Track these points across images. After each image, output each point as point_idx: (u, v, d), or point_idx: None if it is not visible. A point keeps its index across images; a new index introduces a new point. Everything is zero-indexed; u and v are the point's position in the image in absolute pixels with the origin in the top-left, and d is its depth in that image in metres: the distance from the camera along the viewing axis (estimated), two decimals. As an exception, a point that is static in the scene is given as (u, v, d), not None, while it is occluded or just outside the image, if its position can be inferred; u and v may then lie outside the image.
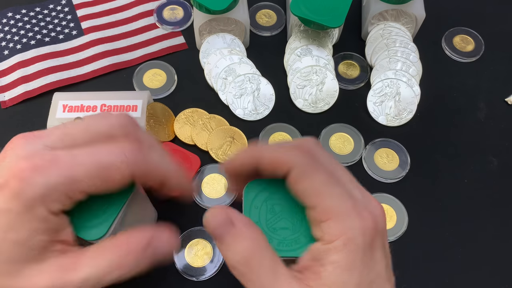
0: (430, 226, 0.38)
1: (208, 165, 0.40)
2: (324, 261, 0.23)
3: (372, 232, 0.24)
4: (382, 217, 0.26)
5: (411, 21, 0.45)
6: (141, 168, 0.27)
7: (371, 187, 0.40)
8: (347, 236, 0.23)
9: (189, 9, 0.49)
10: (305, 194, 0.25)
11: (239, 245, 0.24)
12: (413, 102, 0.42)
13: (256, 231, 0.25)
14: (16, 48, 0.46)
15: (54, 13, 0.49)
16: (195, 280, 0.35)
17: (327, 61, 0.44)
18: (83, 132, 0.27)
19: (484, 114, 0.44)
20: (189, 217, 0.38)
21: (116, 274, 0.25)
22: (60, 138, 0.26)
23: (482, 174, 0.41)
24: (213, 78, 0.43)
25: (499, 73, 0.46)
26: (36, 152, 0.25)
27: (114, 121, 0.28)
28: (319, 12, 0.41)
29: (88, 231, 0.27)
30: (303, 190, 0.25)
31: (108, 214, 0.28)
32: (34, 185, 0.24)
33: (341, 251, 0.23)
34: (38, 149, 0.25)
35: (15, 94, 0.43)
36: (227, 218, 0.25)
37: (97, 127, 0.27)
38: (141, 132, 0.29)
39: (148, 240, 0.26)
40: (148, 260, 0.26)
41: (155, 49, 0.47)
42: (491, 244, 0.38)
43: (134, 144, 0.27)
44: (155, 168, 0.28)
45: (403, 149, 0.41)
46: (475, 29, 0.48)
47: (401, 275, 0.34)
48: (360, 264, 0.23)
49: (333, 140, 0.42)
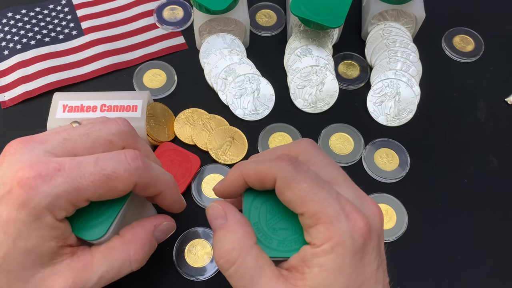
0: (430, 226, 0.38)
1: (208, 165, 0.40)
2: (311, 263, 0.24)
3: (363, 234, 0.24)
4: (376, 218, 0.26)
5: (411, 21, 0.45)
6: (143, 176, 0.27)
7: (371, 187, 0.40)
8: (335, 239, 0.23)
9: (189, 9, 0.49)
10: (292, 204, 0.25)
11: (226, 239, 0.25)
12: (413, 102, 0.42)
13: (245, 229, 0.26)
14: (16, 48, 0.46)
15: (54, 13, 0.49)
16: (195, 280, 0.35)
17: (327, 61, 0.44)
18: (84, 138, 0.27)
19: (484, 114, 0.44)
20: (189, 217, 0.38)
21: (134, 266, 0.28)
22: (61, 144, 0.26)
23: (482, 174, 0.41)
24: (213, 78, 0.43)
25: (499, 73, 0.46)
26: (39, 159, 0.25)
27: (114, 128, 0.28)
28: (319, 12, 0.41)
29: (88, 231, 0.27)
30: (289, 200, 0.25)
31: (108, 214, 0.28)
32: (41, 194, 0.24)
33: (329, 254, 0.23)
34: (39, 155, 0.25)
35: (15, 94, 0.43)
36: (222, 213, 0.27)
37: (97, 133, 0.27)
38: (139, 140, 0.29)
39: (153, 228, 0.29)
40: (156, 244, 0.30)
41: (155, 49, 0.47)
42: (491, 244, 0.38)
43: (135, 153, 0.27)
44: (155, 177, 0.28)
45: (403, 149, 0.41)
46: (475, 29, 0.48)
47: (401, 275, 0.34)
48: (349, 267, 0.23)
49: (333, 140, 0.42)
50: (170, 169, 0.39)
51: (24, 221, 0.24)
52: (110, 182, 0.25)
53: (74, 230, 0.27)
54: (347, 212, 0.24)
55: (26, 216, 0.24)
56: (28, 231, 0.24)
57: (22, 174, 0.24)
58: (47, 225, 0.25)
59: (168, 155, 0.39)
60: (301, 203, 0.24)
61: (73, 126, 0.28)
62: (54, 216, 0.25)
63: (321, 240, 0.24)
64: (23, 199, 0.24)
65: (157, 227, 0.30)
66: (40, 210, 0.24)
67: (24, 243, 0.24)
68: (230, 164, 0.40)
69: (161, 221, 0.30)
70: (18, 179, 0.24)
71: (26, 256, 0.25)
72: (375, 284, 0.25)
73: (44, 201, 0.24)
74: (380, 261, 0.25)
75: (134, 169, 0.26)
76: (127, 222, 0.30)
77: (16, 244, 0.24)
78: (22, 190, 0.24)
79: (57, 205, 0.24)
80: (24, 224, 0.24)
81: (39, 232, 0.24)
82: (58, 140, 0.26)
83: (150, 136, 0.38)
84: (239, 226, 0.26)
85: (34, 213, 0.24)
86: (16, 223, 0.24)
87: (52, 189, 0.24)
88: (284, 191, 0.25)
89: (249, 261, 0.25)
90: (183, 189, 0.38)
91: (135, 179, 0.26)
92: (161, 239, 0.31)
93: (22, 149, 0.26)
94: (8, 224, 0.24)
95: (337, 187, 0.26)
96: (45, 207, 0.24)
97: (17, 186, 0.24)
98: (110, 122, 0.28)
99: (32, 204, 0.24)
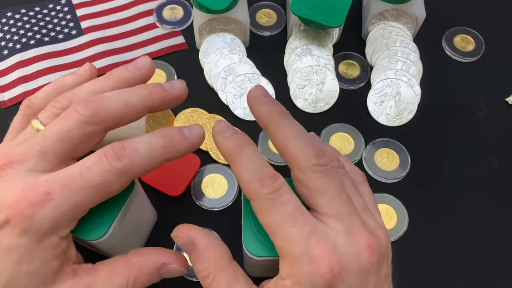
0: (430, 226, 0.38)
1: (208, 165, 0.40)
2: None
3: (327, 279, 0.23)
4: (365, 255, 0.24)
5: (412, 21, 0.45)
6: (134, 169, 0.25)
7: (371, 187, 0.39)
8: (295, 279, 0.23)
9: (189, 9, 0.49)
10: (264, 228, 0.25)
11: (199, 264, 0.26)
12: (413, 102, 0.42)
13: (215, 252, 0.26)
14: (15, 48, 0.45)
15: (54, 13, 0.48)
16: (195, 280, 0.35)
17: (327, 61, 0.44)
18: (59, 144, 0.25)
19: (484, 114, 0.44)
20: (189, 217, 0.38)
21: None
22: (40, 159, 0.25)
23: (482, 174, 0.41)
24: (213, 78, 0.43)
25: (499, 73, 0.46)
26: (26, 183, 0.24)
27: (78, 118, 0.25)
28: (319, 11, 0.40)
29: (88, 232, 0.27)
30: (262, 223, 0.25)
31: (108, 214, 0.28)
32: (41, 221, 0.24)
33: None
34: (24, 177, 0.24)
35: (15, 94, 0.43)
36: (188, 241, 0.27)
37: (68, 133, 0.25)
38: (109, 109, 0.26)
39: (160, 265, 0.28)
40: (157, 280, 0.28)
41: (155, 48, 0.46)
42: (491, 244, 0.38)
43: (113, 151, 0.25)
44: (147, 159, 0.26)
45: (403, 149, 0.41)
46: (476, 29, 0.48)
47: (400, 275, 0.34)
48: None
49: (333, 140, 0.42)
50: (170, 169, 0.38)
51: (27, 246, 0.24)
52: (102, 190, 0.25)
53: (74, 231, 0.26)
54: (313, 254, 0.23)
55: (28, 242, 0.24)
56: (31, 255, 0.24)
57: (15, 204, 0.23)
58: (51, 246, 0.24)
59: (168, 155, 0.39)
60: (269, 233, 0.24)
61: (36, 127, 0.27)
62: (58, 236, 0.25)
63: (284, 274, 0.24)
64: (24, 228, 0.23)
65: (165, 266, 0.28)
66: (43, 234, 0.24)
67: (27, 267, 0.24)
68: (230, 164, 0.40)
69: (172, 261, 0.28)
70: (12, 209, 0.23)
71: (30, 279, 0.24)
72: None
73: (46, 226, 0.24)
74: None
75: (120, 169, 0.25)
76: (127, 222, 0.30)
77: (20, 269, 0.24)
78: (20, 220, 0.23)
79: (59, 226, 0.24)
80: (27, 249, 0.24)
81: (42, 254, 0.24)
82: (35, 155, 0.25)
83: (150, 136, 0.38)
84: (208, 249, 0.26)
85: (37, 238, 0.24)
86: (18, 249, 0.24)
87: (49, 214, 0.24)
88: (257, 214, 0.25)
89: (222, 281, 0.25)
90: (183, 189, 0.38)
91: (127, 177, 0.25)
92: (165, 277, 0.29)
93: (5, 175, 0.25)
94: (10, 250, 0.24)
95: (324, 219, 0.25)
96: (48, 231, 0.24)
97: (14, 216, 0.23)
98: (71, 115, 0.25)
99: (33, 230, 0.24)
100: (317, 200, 0.25)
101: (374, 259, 0.24)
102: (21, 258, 0.24)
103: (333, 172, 0.25)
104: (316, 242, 0.23)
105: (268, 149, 0.41)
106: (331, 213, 0.25)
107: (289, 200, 0.24)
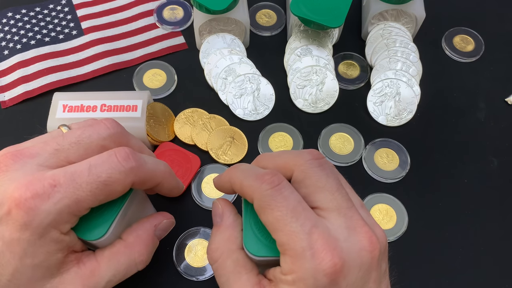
0: (430, 226, 0.38)
1: (208, 165, 0.40)
2: (278, 285, 0.25)
3: (329, 274, 0.23)
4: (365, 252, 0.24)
5: (411, 21, 0.45)
6: (139, 174, 0.27)
7: (371, 187, 0.40)
8: (298, 275, 0.23)
9: (189, 9, 0.49)
10: (266, 226, 0.25)
11: (215, 238, 0.28)
12: (413, 102, 0.42)
13: (232, 233, 0.27)
14: (16, 48, 0.46)
15: (54, 13, 0.49)
16: (195, 280, 0.35)
17: (327, 61, 0.44)
18: (75, 147, 0.26)
19: (484, 114, 0.44)
20: (189, 217, 0.38)
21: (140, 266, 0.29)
22: (52, 155, 0.26)
23: (482, 174, 0.41)
24: (213, 78, 0.43)
25: (499, 73, 0.46)
26: (32, 176, 0.24)
27: (104, 131, 0.27)
28: (319, 12, 0.41)
29: (88, 232, 0.27)
30: (264, 223, 0.25)
31: (108, 214, 0.28)
32: (42, 214, 0.24)
33: (291, 286, 0.24)
34: (32, 170, 0.25)
35: (15, 94, 0.43)
36: (220, 212, 0.29)
37: (88, 139, 0.27)
38: (130, 137, 0.29)
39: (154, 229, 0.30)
40: (158, 242, 0.31)
41: (155, 49, 0.47)
42: (491, 244, 0.38)
43: (125, 152, 0.26)
44: (151, 172, 0.28)
45: (403, 149, 0.41)
46: (475, 29, 0.48)
47: (400, 275, 0.34)
48: None
49: (333, 140, 0.42)
50: (170, 169, 0.39)
51: (28, 240, 0.24)
52: (107, 187, 0.25)
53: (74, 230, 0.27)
54: (315, 249, 0.23)
55: (30, 236, 0.24)
56: (34, 248, 0.24)
57: (19, 195, 0.23)
58: (52, 240, 0.25)
59: (168, 155, 0.39)
60: (272, 230, 0.24)
61: (63, 131, 0.28)
62: (59, 231, 0.25)
63: (286, 269, 0.24)
64: (25, 221, 0.23)
65: (157, 227, 0.30)
66: (43, 229, 0.24)
67: (31, 260, 0.24)
68: (230, 164, 0.40)
69: (160, 220, 0.31)
70: (15, 201, 0.23)
71: (34, 271, 0.25)
72: None
73: (47, 219, 0.24)
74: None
75: (129, 169, 0.26)
76: (127, 221, 0.30)
77: (23, 262, 0.24)
78: (22, 212, 0.23)
79: (60, 220, 0.24)
80: (29, 243, 0.24)
81: (45, 248, 0.24)
82: (49, 151, 0.26)
83: (150, 136, 0.38)
84: (228, 228, 0.27)
85: (38, 232, 0.24)
86: (20, 243, 0.24)
87: (52, 207, 0.24)
88: (259, 214, 0.25)
89: (228, 264, 0.26)
90: (183, 189, 0.38)
91: (132, 179, 0.26)
92: (162, 236, 0.31)
93: (13, 165, 0.25)
94: (12, 244, 0.24)
95: (325, 215, 0.25)
96: (48, 225, 0.24)
97: (16, 208, 0.23)
98: (99, 126, 0.27)
99: (34, 224, 0.24)
100: (317, 196, 0.25)
101: (375, 255, 0.24)
102: (24, 252, 0.24)
103: (329, 167, 0.26)
104: (318, 237, 0.23)
105: (268, 149, 0.41)
106: (331, 207, 0.25)
107: (290, 195, 0.25)
